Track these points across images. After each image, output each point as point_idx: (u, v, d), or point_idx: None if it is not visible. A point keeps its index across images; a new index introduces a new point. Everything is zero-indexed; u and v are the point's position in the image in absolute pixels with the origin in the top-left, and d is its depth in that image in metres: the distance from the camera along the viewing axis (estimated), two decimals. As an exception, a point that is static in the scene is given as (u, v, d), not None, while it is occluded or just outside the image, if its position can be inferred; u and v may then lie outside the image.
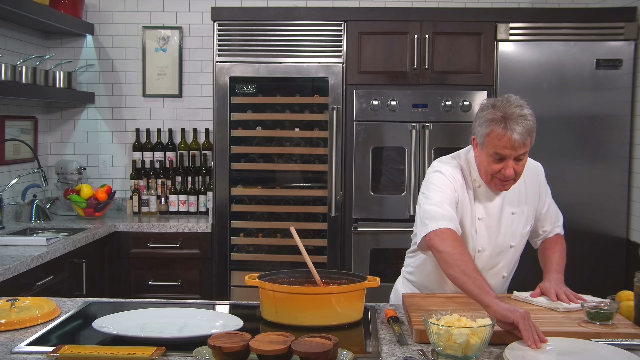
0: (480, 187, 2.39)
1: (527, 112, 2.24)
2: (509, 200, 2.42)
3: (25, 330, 2.03)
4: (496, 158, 2.24)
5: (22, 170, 4.41)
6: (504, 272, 2.49)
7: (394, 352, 1.86)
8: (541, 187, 2.51)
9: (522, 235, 2.47)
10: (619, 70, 4.01)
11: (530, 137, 2.23)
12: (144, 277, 4.24)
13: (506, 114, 2.20)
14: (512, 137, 2.18)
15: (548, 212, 2.54)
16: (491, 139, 2.22)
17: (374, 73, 4.14)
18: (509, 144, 2.20)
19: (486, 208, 2.40)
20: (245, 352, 1.70)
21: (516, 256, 2.51)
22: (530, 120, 2.23)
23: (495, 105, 2.25)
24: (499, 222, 2.40)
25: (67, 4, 4.51)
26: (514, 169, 2.25)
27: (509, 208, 2.41)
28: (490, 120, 2.22)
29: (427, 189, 2.38)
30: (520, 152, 2.23)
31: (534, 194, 2.47)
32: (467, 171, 2.41)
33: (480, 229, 2.39)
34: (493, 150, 2.23)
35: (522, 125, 2.20)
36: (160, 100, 4.85)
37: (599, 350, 1.83)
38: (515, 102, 2.25)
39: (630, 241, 4.01)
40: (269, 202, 4.35)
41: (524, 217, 2.45)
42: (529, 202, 2.46)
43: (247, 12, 4.23)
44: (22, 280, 3.06)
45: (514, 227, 2.43)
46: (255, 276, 2.18)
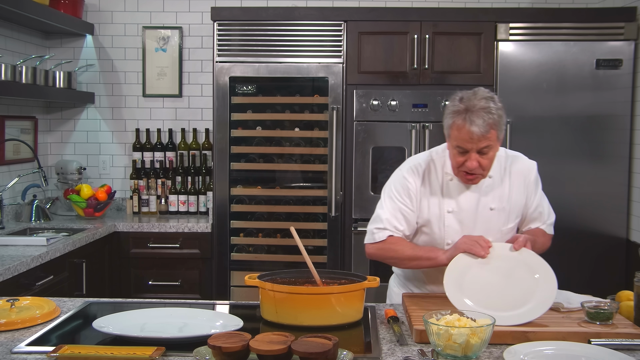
0: (453, 180, 2.40)
1: (492, 106, 2.22)
2: (486, 195, 2.40)
3: (25, 330, 2.03)
4: (459, 151, 2.27)
5: (22, 170, 4.41)
6: None
7: (394, 352, 1.86)
8: (530, 186, 2.45)
9: (502, 233, 2.41)
10: (619, 70, 4.01)
11: (494, 130, 2.22)
12: (144, 277, 4.24)
13: (469, 107, 2.21)
14: (471, 130, 2.19)
15: (536, 211, 2.48)
16: (453, 131, 2.25)
17: (374, 73, 4.14)
18: (468, 137, 2.20)
19: (458, 201, 2.40)
20: (245, 352, 1.70)
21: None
22: (494, 114, 2.21)
23: (462, 98, 2.26)
24: (474, 217, 2.39)
25: (67, 4, 4.51)
26: (479, 163, 2.26)
27: (487, 203, 2.39)
28: (453, 113, 2.25)
29: (387, 193, 2.46)
30: (482, 145, 2.22)
31: (519, 193, 2.43)
32: (439, 164, 2.43)
33: (449, 221, 2.39)
34: (455, 143, 2.26)
35: (484, 118, 2.19)
36: (160, 100, 4.85)
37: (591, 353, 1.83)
38: (482, 95, 2.24)
39: (630, 241, 4.01)
40: (269, 202, 4.35)
41: (505, 214, 2.41)
42: (512, 201, 2.42)
43: (247, 12, 4.23)
44: (22, 280, 3.06)
45: (492, 223, 2.40)
46: (255, 276, 2.18)
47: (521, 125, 4.04)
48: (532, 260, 2.24)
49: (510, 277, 2.17)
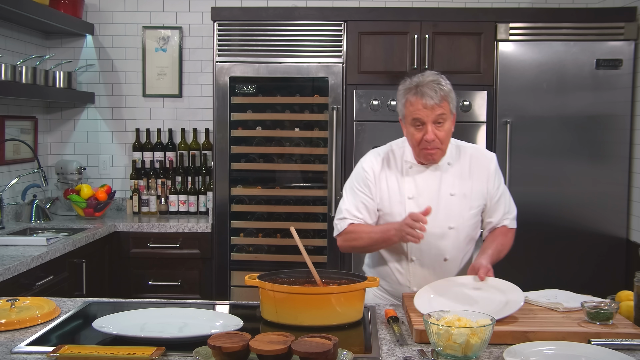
0: (412, 168, 2.49)
1: (441, 79, 2.39)
2: (446, 181, 2.48)
3: (25, 330, 2.03)
4: (416, 125, 2.38)
5: (22, 170, 4.42)
6: (445, 255, 2.48)
7: (394, 352, 1.86)
8: (490, 176, 2.52)
9: (465, 219, 2.47)
10: (619, 70, 4.01)
11: (446, 102, 2.37)
12: (144, 277, 4.24)
13: (419, 83, 2.37)
14: (424, 101, 2.34)
15: (498, 203, 2.53)
16: (407, 106, 2.39)
17: (374, 73, 4.14)
18: (422, 105, 2.34)
19: (418, 188, 2.47)
20: (245, 352, 1.70)
21: (460, 239, 2.49)
22: (444, 86, 2.37)
23: (412, 79, 2.42)
24: (436, 203, 2.43)
25: (67, 4, 4.51)
26: (436, 135, 2.37)
27: (447, 189, 2.47)
28: (405, 91, 2.40)
29: (348, 186, 2.57)
30: (437, 112, 2.35)
31: (480, 180, 2.50)
32: (399, 154, 2.53)
33: (410, 207, 2.44)
34: (411, 117, 2.38)
35: (435, 89, 2.34)
36: (160, 100, 4.85)
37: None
38: (430, 73, 2.42)
39: (630, 241, 4.01)
40: (269, 202, 4.35)
41: (467, 200, 2.47)
42: (474, 188, 2.49)
43: (247, 12, 4.23)
44: (22, 280, 3.06)
45: (454, 209, 2.46)
46: (255, 276, 2.18)
47: (521, 125, 4.04)
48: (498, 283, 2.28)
49: (478, 302, 2.18)
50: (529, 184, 4.06)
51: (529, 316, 2.13)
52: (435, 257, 2.48)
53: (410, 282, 2.52)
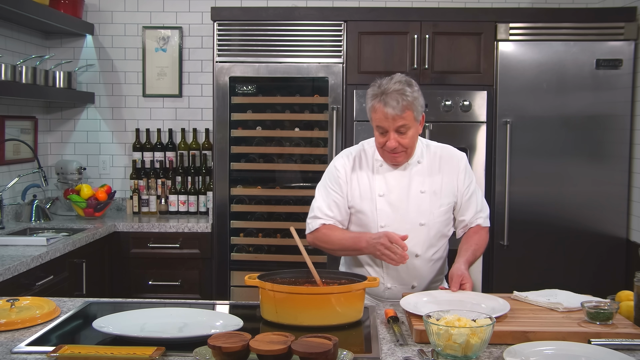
0: (382, 166, 2.54)
1: (407, 89, 2.40)
2: (416, 179, 2.53)
3: (25, 330, 2.03)
4: (380, 131, 2.44)
5: (22, 170, 4.42)
6: (416, 251, 2.51)
7: (394, 352, 1.86)
8: (460, 173, 2.56)
9: (435, 215, 2.52)
10: (619, 70, 4.01)
11: (410, 111, 2.39)
12: (144, 277, 4.24)
13: (384, 90, 2.40)
14: (386, 110, 2.37)
15: (470, 201, 2.58)
16: (372, 113, 2.44)
17: (374, 73, 4.09)
18: (384, 116, 2.39)
19: (388, 185, 2.53)
20: (245, 352, 1.70)
21: (430, 235, 2.53)
22: (408, 95, 2.39)
23: (380, 83, 2.45)
24: (406, 200, 2.51)
25: (67, 4, 4.51)
26: (399, 142, 2.42)
27: (417, 187, 2.52)
28: (372, 96, 2.45)
29: (321, 185, 2.64)
30: (398, 124, 2.39)
31: (450, 178, 2.55)
32: (370, 152, 2.58)
33: (381, 205, 2.51)
34: (375, 124, 2.44)
35: (397, 100, 2.37)
36: (160, 100, 4.85)
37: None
38: (397, 79, 2.43)
39: (630, 241, 4.01)
40: (269, 202, 4.35)
41: (437, 197, 2.52)
42: (444, 185, 2.54)
43: (247, 12, 4.23)
44: (22, 280, 3.06)
45: (424, 206, 2.51)
46: (255, 276, 2.18)
47: (521, 125, 4.04)
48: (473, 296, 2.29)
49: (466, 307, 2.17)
50: (529, 184, 4.06)
51: (529, 316, 2.13)
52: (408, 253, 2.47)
53: (384, 279, 2.56)
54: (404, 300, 2.19)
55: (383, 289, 2.57)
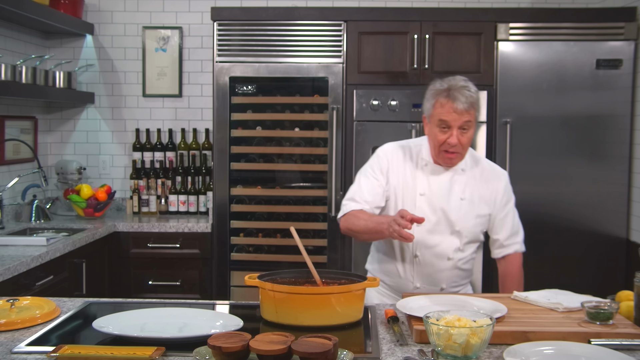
0: (428, 166, 2.55)
1: (471, 86, 2.44)
2: (458, 185, 2.54)
3: (25, 330, 2.02)
4: (442, 127, 2.44)
5: (22, 170, 4.41)
6: (448, 255, 2.55)
7: (394, 352, 1.86)
8: (499, 192, 2.59)
9: (470, 224, 2.54)
10: (619, 70, 4.01)
11: (473, 109, 2.43)
12: (144, 277, 4.24)
13: (451, 86, 2.42)
14: (455, 104, 2.39)
15: (505, 219, 2.60)
16: (436, 108, 2.44)
17: (374, 73, 4.14)
18: (452, 109, 2.39)
19: (430, 186, 2.54)
20: (245, 352, 1.69)
21: (463, 241, 2.55)
22: (473, 93, 2.43)
23: (442, 81, 2.47)
24: (446, 203, 2.52)
25: (67, 4, 4.51)
26: (459, 140, 2.43)
27: (457, 193, 2.53)
28: (435, 93, 2.45)
29: (362, 172, 2.64)
30: (464, 119, 2.41)
31: (490, 193, 2.57)
32: (416, 151, 2.59)
33: (420, 203, 2.53)
34: (438, 118, 2.43)
35: (465, 95, 2.39)
36: (160, 100, 4.85)
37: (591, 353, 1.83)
38: (460, 78, 2.46)
39: (630, 241, 4.01)
40: (269, 202, 4.35)
41: (474, 207, 2.54)
42: (482, 197, 2.56)
43: (247, 12, 4.23)
44: (22, 280, 3.06)
45: (461, 212, 2.53)
46: (255, 276, 2.18)
47: (521, 125, 4.04)
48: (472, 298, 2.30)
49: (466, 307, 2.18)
50: (529, 184, 4.06)
51: (529, 316, 2.13)
52: (439, 255, 2.54)
53: (413, 278, 2.58)
54: (400, 303, 2.19)
55: (412, 288, 2.59)
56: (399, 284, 2.62)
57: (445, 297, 2.33)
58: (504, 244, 2.61)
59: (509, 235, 2.61)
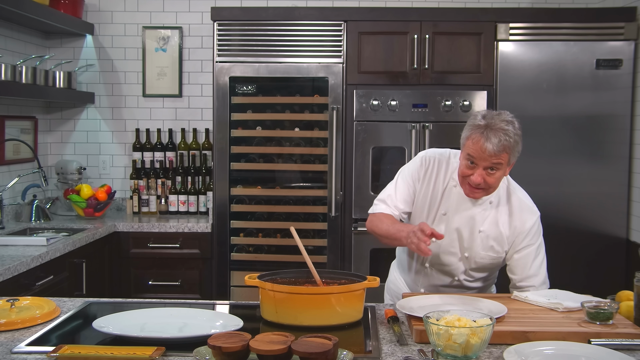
0: (457, 187, 2.48)
1: (511, 130, 2.31)
2: (480, 217, 2.46)
3: (25, 330, 2.02)
4: (469, 162, 2.35)
5: (22, 170, 4.41)
6: (456, 276, 2.54)
7: (394, 352, 1.86)
8: (522, 232, 2.46)
9: (480, 256, 2.48)
10: (619, 70, 4.01)
11: (507, 153, 2.31)
12: (144, 277, 4.24)
13: (489, 124, 2.31)
14: (486, 145, 2.28)
15: (522, 260, 2.46)
16: (469, 141, 2.34)
17: (374, 73, 4.14)
18: (481, 149, 2.29)
19: (453, 207, 2.49)
20: (245, 352, 1.70)
21: (471, 269, 2.52)
22: (511, 137, 2.30)
23: (485, 115, 2.35)
24: (464, 231, 2.47)
25: (67, 4, 4.51)
26: (484, 179, 2.33)
27: (478, 224, 2.46)
28: (473, 126, 2.34)
29: (402, 172, 2.61)
30: (493, 161, 2.30)
31: (511, 232, 2.47)
32: (452, 167, 2.52)
33: (439, 222, 2.50)
34: (467, 152, 2.35)
35: (500, 138, 2.28)
36: (160, 100, 4.85)
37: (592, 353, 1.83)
38: (504, 118, 2.34)
39: (630, 241, 4.01)
40: (269, 202, 4.35)
41: (490, 241, 2.46)
42: (503, 235, 2.46)
43: (247, 12, 4.23)
44: (22, 280, 3.06)
45: (475, 243, 2.47)
46: (255, 276, 2.18)
47: (521, 125, 4.02)
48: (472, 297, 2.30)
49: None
50: (529, 184, 4.00)
51: (528, 316, 2.13)
52: (447, 274, 2.56)
53: (420, 283, 2.63)
54: (400, 303, 2.19)
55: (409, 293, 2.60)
56: (412, 288, 2.67)
57: (445, 297, 2.33)
58: (517, 285, 2.48)
59: (523, 277, 2.47)
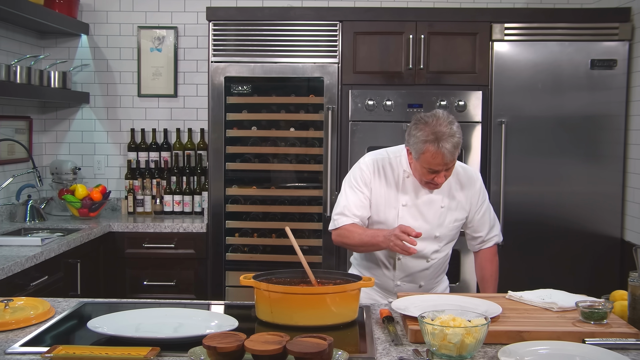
0: (409, 177, 2.65)
1: (455, 130, 2.47)
2: (438, 194, 2.65)
3: (20, 331, 2.02)
4: (430, 171, 2.51)
5: (17, 170, 4.40)
6: (428, 257, 2.69)
7: (388, 352, 1.86)
8: (474, 194, 2.71)
9: (449, 229, 2.69)
10: (613, 70, 4.02)
11: (457, 150, 2.49)
12: (139, 277, 4.23)
13: (438, 135, 2.43)
14: (445, 157, 2.44)
15: (483, 218, 2.75)
16: (426, 156, 2.47)
17: (369, 73, 4.14)
18: (442, 162, 2.46)
19: (412, 197, 2.65)
20: (240, 352, 1.69)
21: (441, 245, 2.71)
22: (457, 137, 2.47)
23: (426, 122, 2.48)
24: (427, 212, 2.65)
25: (62, 4, 4.50)
26: (445, 176, 2.53)
27: (438, 202, 2.65)
28: (424, 141, 2.46)
29: (347, 183, 2.73)
30: (451, 165, 2.51)
31: (466, 196, 2.70)
32: (395, 162, 2.68)
33: (403, 214, 2.64)
34: (428, 166, 2.49)
35: (451, 142, 2.44)
36: (155, 100, 4.85)
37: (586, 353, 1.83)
38: (445, 120, 2.48)
39: (625, 241, 4.02)
40: (264, 202, 4.35)
41: (452, 213, 2.68)
42: (459, 202, 2.69)
43: (242, 12, 4.23)
44: (17, 280, 3.05)
45: (441, 220, 2.66)
46: (250, 276, 2.18)
47: (517, 125, 4.04)
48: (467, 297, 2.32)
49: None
50: (524, 184, 4.07)
51: (523, 316, 2.13)
52: (419, 258, 2.67)
53: (394, 277, 2.71)
54: (395, 303, 2.19)
55: (393, 285, 2.73)
56: (383, 281, 2.74)
57: (440, 297, 2.33)
58: (485, 239, 2.77)
59: (488, 231, 2.77)
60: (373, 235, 2.56)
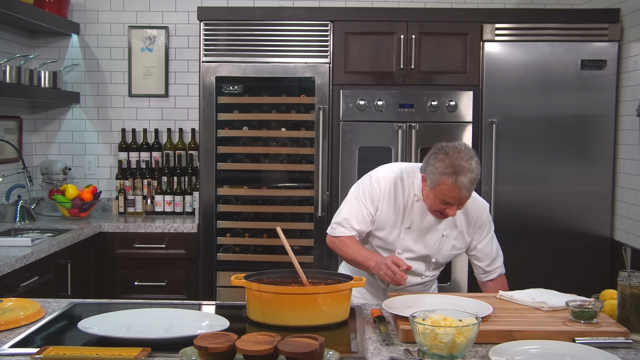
0: (419, 202, 2.61)
1: (475, 166, 2.41)
2: (442, 222, 2.63)
3: (9, 332, 2.01)
4: (442, 202, 2.45)
5: (7, 171, 4.38)
6: (422, 275, 2.71)
7: (380, 352, 1.86)
8: (480, 226, 2.68)
9: (445, 256, 2.69)
10: (603, 70, 4.04)
11: (474, 186, 2.44)
12: (129, 278, 4.22)
13: (457, 169, 2.37)
14: (461, 192, 2.39)
15: (486, 249, 2.71)
16: (441, 188, 2.41)
17: (360, 73, 4.14)
18: (458, 196, 2.40)
19: (417, 221, 2.63)
20: (231, 353, 1.69)
21: (437, 268, 2.76)
22: (476, 173, 2.41)
23: (447, 154, 2.41)
24: (429, 238, 2.64)
25: (53, 3, 4.48)
26: (457, 209, 2.49)
27: (440, 229, 2.64)
28: (442, 173, 2.40)
29: (354, 193, 2.70)
30: (465, 200, 2.47)
31: (470, 228, 2.68)
32: (407, 183, 2.64)
33: (404, 236, 2.64)
34: (442, 198, 2.44)
35: (470, 178, 2.38)
36: (146, 100, 4.83)
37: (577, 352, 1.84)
38: (467, 154, 2.41)
39: (615, 240, 4.04)
40: (255, 202, 4.35)
41: (452, 241, 2.67)
42: (461, 232, 2.67)
43: (233, 11, 4.22)
44: (6, 281, 3.03)
45: (440, 246, 2.66)
46: (241, 276, 2.18)
47: (507, 125, 4.06)
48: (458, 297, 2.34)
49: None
50: (514, 184, 4.08)
51: (514, 315, 2.14)
52: (414, 275, 2.68)
53: (383, 283, 2.72)
54: (387, 303, 2.20)
55: (382, 292, 2.75)
56: (371, 283, 2.74)
57: (431, 297, 2.34)
58: (486, 270, 2.74)
59: (490, 262, 2.73)
60: (365, 258, 2.55)
